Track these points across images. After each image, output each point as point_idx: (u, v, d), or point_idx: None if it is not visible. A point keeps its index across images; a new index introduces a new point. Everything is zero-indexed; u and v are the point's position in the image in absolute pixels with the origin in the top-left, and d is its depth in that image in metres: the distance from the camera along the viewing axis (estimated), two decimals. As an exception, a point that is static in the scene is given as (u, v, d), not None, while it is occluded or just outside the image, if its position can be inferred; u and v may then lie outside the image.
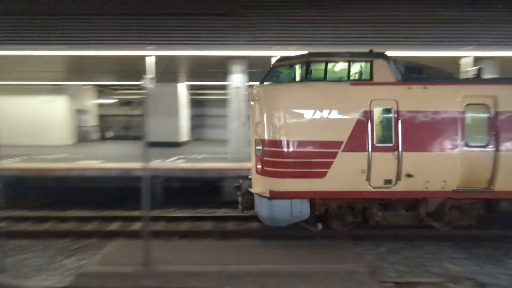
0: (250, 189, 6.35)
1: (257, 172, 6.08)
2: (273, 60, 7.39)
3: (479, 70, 7.41)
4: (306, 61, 6.10)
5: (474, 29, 9.62)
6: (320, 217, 6.14)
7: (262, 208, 5.94)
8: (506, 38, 9.68)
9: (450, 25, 9.65)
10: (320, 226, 6.04)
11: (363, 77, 6.11)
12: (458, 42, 9.60)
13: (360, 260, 5.39)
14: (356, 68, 6.20)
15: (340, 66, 6.25)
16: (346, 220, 6.23)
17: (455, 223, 6.25)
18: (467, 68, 9.93)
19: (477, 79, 6.98)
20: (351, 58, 6.17)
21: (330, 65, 6.15)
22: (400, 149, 5.64)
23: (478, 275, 5.08)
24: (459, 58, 10.17)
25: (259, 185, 6.05)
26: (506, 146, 5.72)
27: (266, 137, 5.84)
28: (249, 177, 6.93)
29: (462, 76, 7.89)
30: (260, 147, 5.95)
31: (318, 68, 6.07)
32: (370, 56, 6.10)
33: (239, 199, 6.75)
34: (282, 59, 6.72)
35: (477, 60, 10.00)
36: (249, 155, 6.98)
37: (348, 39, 9.59)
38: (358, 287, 4.53)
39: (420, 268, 5.36)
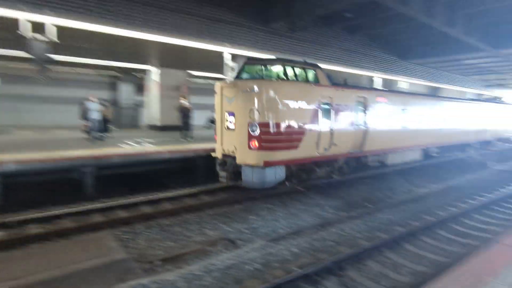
0: (242, 163, 7.76)
1: (251, 148, 7.50)
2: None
3: (345, 80, 10.30)
4: (282, 65, 8.09)
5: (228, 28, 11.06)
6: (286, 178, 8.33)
7: (254, 176, 7.63)
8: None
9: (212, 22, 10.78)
10: (287, 183, 8.50)
11: (313, 80, 8.56)
12: (217, 38, 10.84)
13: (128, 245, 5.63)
14: (309, 73, 8.55)
15: (298, 71, 8.36)
16: (301, 178, 8.88)
17: (346, 173, 10.24)
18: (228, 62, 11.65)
19: (361, 86, 11.73)
20: (305, 66, 8.61)
21: (295, 69, 8.27)
22: (333, 128, 8.72)
23: (229, 234, 6.30)
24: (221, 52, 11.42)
25: (253, 158, 7.52)
26: (371, 125, 9.89)
27: (264, 120, 7.34)
28: (217, 154, 8.68)
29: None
30: (257, 128, 7.38)
31: (288, 71, 8.17)
32: (314, 66, 8.81)
33: (224, 174, 8.31)
34: (257, 59, 8.71)
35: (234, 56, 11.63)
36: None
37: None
38: (123, 276, 4.46)
39: (186, 240, 6.01)
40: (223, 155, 8.48)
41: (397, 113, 11.10)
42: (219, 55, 11.35)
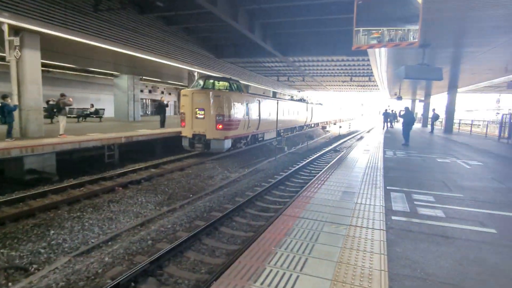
0: (211, 138, 12.96)
1: (218, 129, 12.76)
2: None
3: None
4: (229, 80, 14.52)
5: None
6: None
7: (219, 145, 13.11)
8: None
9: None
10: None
11: (240, 91, 14.66)
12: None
13: None
14: (239, 86, 14.71)
15: (235, 85, 14.50)
16: (236, 146, 14.78)
17: (250, 144, 16.73)
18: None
19: (257, 93, 19.51)
20: (236, 82, 14.86)
21: (232, 84, 14.35)
22: (249, 118, 14.47)
23: (17, 260, 5.06)
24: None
25: (218, 135, 12.93)
26: (262, 116, 16.31)
27: (224, 113, 12.76)
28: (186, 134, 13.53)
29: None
30: (221, 118, 12.69)
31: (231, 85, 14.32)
32: (238, 82, 15.11)
33: (200, 146, 13.34)
34: (210, 76, 14.81)
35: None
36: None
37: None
38: None
39: None
40: (193, 135, 13.30)
41: (272, 109, 18.29)
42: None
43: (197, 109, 12.76)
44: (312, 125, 32.18)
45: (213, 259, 5.23)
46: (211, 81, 13.85)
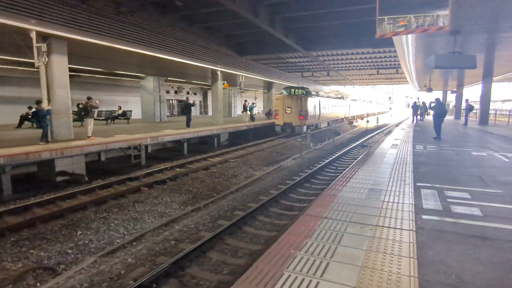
0: (295, 125, 20.75)
1: (299, 119, 20.39)
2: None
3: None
4: (304, 88, 22.73)
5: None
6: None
7: (300, 129, 20.53)
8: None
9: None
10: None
11: (310, 95, 22.30)
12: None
13: None
14: (307, 91, 22.40)
15: (307, 91, 22.45)
16: (309, 130, 18.84)
17: (313, 130, 23.05)
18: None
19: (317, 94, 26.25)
20: (307, 89, 23.20)
21: (306, 90, 22.43)
22: (320, 111, 23.68)
23: (45, 261, 5.09)
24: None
25: (299, 122, 20.57)
26: (322, 111, 23.99)
27: (302, 109, 20.52)
28: (278, 123, 21.62)
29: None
30: (301, 112, 20.44)
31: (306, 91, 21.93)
32: (307, 88, 23.65)
33: (289, 130, 21.25)
34: (290, 87, 23.39)
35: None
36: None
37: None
38: None
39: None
40: (284, 123, 20.99)
41: (325, 106, 25.13)
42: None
43: (286, 107, 20.95)
44: (350, 118, 37.04)
45: (235, 260, 5.15)
46: (293, 90, 22.45)
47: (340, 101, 30.80)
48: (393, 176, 5.99)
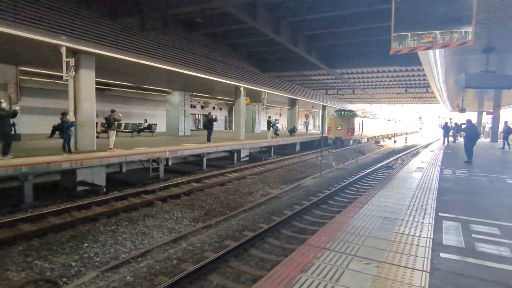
0: (344, 139, 27.97)
1: (347, 135, 27.66)
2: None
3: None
4: (351, 111, 31.26)
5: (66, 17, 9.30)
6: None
7: (348, 142, 28.53)
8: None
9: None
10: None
11: (356, 116, 29.77)
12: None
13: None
14: (355, 113, 30.81)
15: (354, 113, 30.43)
16: (352, 144, 29.62)
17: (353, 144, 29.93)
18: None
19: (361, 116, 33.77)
20: (352, 111, 31.66)
21: (353, 113, 30.44)
22: (358, 129, 29.30)
23: (48, 272, 5.13)
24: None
25: (348, 137, 27.93)
26: (363, 130, 30.92)
27: (350, 127, 27.57)
28: (331, 137, 28.53)
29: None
30: (349, 129, 27.50)
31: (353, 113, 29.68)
32: (353, 111, 32.50)
33: (339, 142, 28.23)
34: (340, 109, 31.95)
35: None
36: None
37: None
38: None
39: None
40: (335, 137, 27.76)
41: (366, 124, 30.81)
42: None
43: (338, 125, 27.96)
44: (384, 136, 40.59)
45: (236, 285, 4.88)
46: (343, 112, 29.88)
47: (377, 121, 37.84)
48: (413, 204, 5.51)
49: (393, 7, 3.85)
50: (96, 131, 17.01)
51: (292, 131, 27.27)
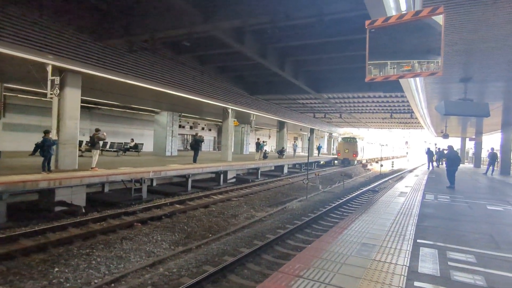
0: (350, 160, 35.28)
1: (353, 156, 35.07)
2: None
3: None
4: (355, 138, 39.27)
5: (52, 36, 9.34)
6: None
7: (353, 163, 35.66)
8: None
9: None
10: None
11: (358, 141, 38.03)
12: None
13: None
14: (357, 139, 39.57)
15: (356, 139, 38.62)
16: (355, 163, 36.92)
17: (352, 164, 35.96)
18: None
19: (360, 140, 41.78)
20: (355, 138, 39.69)
21: (356, 139, 39.03)
22: (363, 152, 39.12)
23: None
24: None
25: (353, 158, 35.27)
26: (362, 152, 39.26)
27: (355, 151, 35.19)
28: (340, 158, 36.51)
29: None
30: (354, 152, 35.00)
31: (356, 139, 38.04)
32: (355, 138, 39.86)
33: (346, 163, 35.55)
34: (346, 136, 42.46)
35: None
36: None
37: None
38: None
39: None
40: (343, 158, 35.23)
41: (366, 148, 40.18)
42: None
43: (345, 149, 34.85)
44: (379, 158, 45.67)
45: (212, 314, 4.69)
46: (349, 138, 37.12)
47: (372, 146, 44.70)
48: (392, 230, 5.49)
49: (367, 37, 4.00)
50: (81, 150, 16.79)
51: (281, 152, 27.32)
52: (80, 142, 18.78)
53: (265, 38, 11.86)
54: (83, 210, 9.83)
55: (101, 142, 11.83)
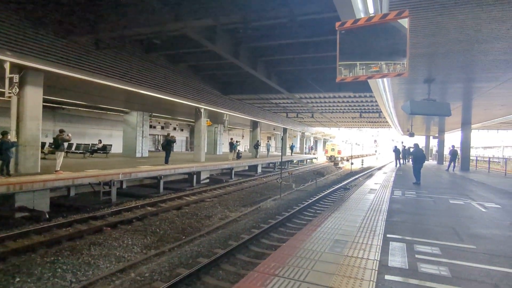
0: (337, 157, 42.48)
1: (338, 153, 42.26)
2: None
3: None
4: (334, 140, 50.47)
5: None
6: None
7: (338, 160, 42.41)
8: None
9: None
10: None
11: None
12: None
13: None
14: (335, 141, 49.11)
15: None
16: (342, 161, 44.84)
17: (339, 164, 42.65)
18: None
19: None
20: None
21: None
22: (341, 150, 43.95)
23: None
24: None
25: (339, 156, 42.46)
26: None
27: (340, 150, 42.75)
28: (327, 155, 43.64)
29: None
30: (338, 150, 42.41)
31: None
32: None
33: (333, 161, 42.42)
34: (333, 143, 47.52)
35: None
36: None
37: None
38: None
39: None
40: (331, 156, 42.29)
41: (346, 148, 44.38)
42: None
43: (332, 148, 42.50)
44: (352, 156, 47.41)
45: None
46: (332, 142, 45.82)
47: (350, 145, 48.64)
48: (363, 226, 5.66)
49: (338, 38, 4.09)
50: (44, 152, 15.90)
51: (256, 145, 27.45)
52: (43, 144, 17.80)
53: (238, 37, 11.82)
54: (47, 216, 9.30)
55: (65, 144, 11.25)
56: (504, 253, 4.47)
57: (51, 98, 17.02)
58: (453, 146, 21.91)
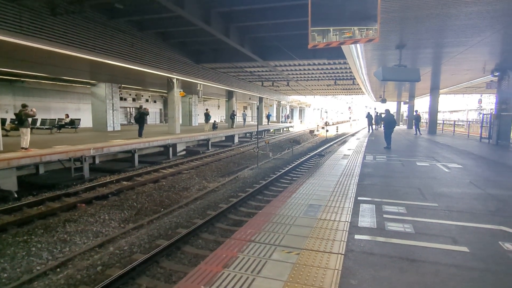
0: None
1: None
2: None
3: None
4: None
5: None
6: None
7: None
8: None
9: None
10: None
11: None
12: None
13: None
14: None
15: None
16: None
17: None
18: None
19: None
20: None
21: None
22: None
23: None
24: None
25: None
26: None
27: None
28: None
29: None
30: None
31: None
32: None
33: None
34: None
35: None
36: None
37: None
38: None
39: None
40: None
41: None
42: None
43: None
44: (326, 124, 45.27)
45: (168, 286, 4.70)
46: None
47: (331, 113, 55.09)
48: (336, 190, 5.89)
49: (309, 2, 3.97)
50: (5, 129, 14.99)
51: (232, 115, 27.31)
52: (3, 120, 16.72)
53: (208, 1, 11.24)
54: (15, 195, 8.97)
55: (30, 119, 10.62)
56: (462, 208, 4.84)
57: (8, 70, 15.82)
58: (416, 112, 22.82)
